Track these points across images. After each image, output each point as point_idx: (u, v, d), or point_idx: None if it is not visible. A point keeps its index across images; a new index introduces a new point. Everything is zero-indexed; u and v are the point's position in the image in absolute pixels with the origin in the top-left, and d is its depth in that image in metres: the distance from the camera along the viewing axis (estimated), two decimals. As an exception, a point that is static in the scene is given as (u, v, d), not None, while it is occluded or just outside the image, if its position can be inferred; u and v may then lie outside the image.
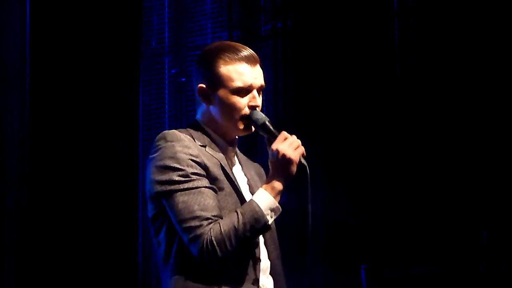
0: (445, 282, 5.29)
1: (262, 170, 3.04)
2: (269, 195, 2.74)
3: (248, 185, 2.91)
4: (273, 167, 2.78)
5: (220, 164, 2.81)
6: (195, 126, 2.89)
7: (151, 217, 2.83)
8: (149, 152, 2.83)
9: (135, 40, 5.99)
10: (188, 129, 2.88)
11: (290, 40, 5.81)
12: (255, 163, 3.07)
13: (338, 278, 5.61)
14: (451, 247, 5.38)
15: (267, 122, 2.84)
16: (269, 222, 2.74)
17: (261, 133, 2.86)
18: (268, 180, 2.77)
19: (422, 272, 5.36)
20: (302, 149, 2.79)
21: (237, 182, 2.83)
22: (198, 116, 2.92)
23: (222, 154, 2.85)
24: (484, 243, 5.29)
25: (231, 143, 2.92)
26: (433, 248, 5.41)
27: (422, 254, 5.44)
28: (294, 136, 2.81)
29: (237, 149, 2.98)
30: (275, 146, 2.78)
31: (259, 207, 2.72)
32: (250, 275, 2.78)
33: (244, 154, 3.06)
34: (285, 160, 2.76)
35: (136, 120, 5.93)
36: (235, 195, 2.80)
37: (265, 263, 2.87)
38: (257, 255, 2.81)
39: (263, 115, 2.87)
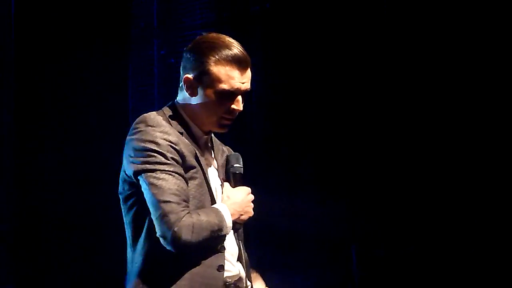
0: (434, 262, 5.31)
1: (231, 151, 3.09)
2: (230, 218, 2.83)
3: (217, 171, 2.97)
4: (236, 200, 2.88)
5: (196, 153, 2.83)
6: (174, 111, 2.90)
7: (123, 197, 2.85)
8: (128, 133, 2.84)
9: (124, 21, 5.97)
10: (165, 112, 2.89)
11: (278, 21, 5.80)
12: (226, 147, 3.10)
13: (329, 258, 5.64)
14: (442, 227, 5.41)
15: (241, 173, 2.96)
16: (226, 235, 2.83)
17: (230, 172, 2.96)
18: (230, 206, 2.86)
19: (412, 251, 5.39)
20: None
21: (207, 174, 2.88)
22: (179, 100, 2.93)
23: (197, 143, 2.88)
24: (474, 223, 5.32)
25: (207, 132, 2.95)
26: (423, 228, 5.43)
27: (412, 233, 5.46)
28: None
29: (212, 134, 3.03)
30: (247, 191, 2.93)
31: (228, 220, 2.81)
32: (216, 262, 2.81)
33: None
34: (246, 209, 2.91)
35: (125, 101, 5.92)
36: (205, 186, 2.85)
37: (234, 249, 2.92)
38: (223, 243, 2.85)
39: (241, 166, 2.97)
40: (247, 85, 2.88)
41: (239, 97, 2.86)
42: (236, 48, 2.85)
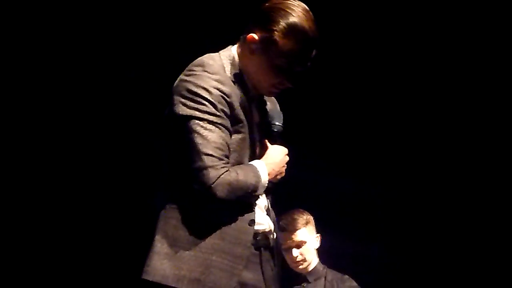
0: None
1: (277, 107, 3.06)
2: (267, 177, 2.84)
3: (258, 126, 2.94)
4: (274, 160, 2.88)
5: (245, 106, 2.80)
6: (232, 58, 2.84)
7: (165, 134, 2.79)
8: (182, 72, 2.81)
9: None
10: (222, 58, 2.83)
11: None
12: (271, 101, 3.05)
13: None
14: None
15: (280, 132, 2.95)
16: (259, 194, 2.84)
17: (270, 129, 2.94)
18: (268, 165, 2.85)
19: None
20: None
21: (253, 129, 2.85)
22: (238, 49, 2.85)
23: (247, 96, 2.83)
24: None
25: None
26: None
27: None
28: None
29: None
30: (285, 151, 2.92)
31: (264, 180, 2.81)
32: (247, 216, 2.81)
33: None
34: (282, 169, 2.91)
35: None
36: (248, 141, 2.83)
37: (263, 203, 2.93)
38: (256, 200, 2.87)
39: (281, 124, 2.95)
40: (307, 66, 2.80)
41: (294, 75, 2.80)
42: (310, 26, 2.74)
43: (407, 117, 5.87)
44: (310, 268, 4.92)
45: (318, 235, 4.97)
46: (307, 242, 4.87)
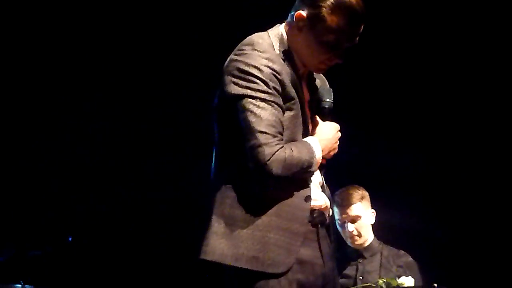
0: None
1: (326, 84, 3.06)
2: (321, 153, 2.84)
3: (309, 103, 2.95)
4: (327, 136, 2.89)
5: (296, 84, 2.81)
6: (280, 37, 2.85)
7: (219, 115, 2.80)
8: (232, 52, 2.81)
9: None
10: (271, 37, 2.84)
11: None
12: (320, 78, 3.05)
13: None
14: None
15: (330, 108, 2.95)
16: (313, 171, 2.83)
17: (320, 106, 2.94)
18: (321, 141, 2.86)
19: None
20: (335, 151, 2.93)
21: (305, 104, 2.85)
22: (286, 28, 2.87)
23: (297, 73, 2.84)
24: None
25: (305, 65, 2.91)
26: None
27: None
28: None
29: None
30: (337, 127, 2.92)
31: (318, 156, 2.81)
32: (303, 193, 2.82)
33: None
34: (335, 146, 2.92)
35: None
36: (300, 118, 2.84)
37: (318, 180, 2.94)
38: (311, 177, 2.86)
39: (332, 101, 2.95)
40: (355, 41, 2.82)
41: (342, 51, 2.82)
42: (357, 1, 2.76)
43: (462, 92, 5.82)
44: (366, 244, 4.94)
45: (374, 211, 4.96)
46: (362, 217, 4.88)
